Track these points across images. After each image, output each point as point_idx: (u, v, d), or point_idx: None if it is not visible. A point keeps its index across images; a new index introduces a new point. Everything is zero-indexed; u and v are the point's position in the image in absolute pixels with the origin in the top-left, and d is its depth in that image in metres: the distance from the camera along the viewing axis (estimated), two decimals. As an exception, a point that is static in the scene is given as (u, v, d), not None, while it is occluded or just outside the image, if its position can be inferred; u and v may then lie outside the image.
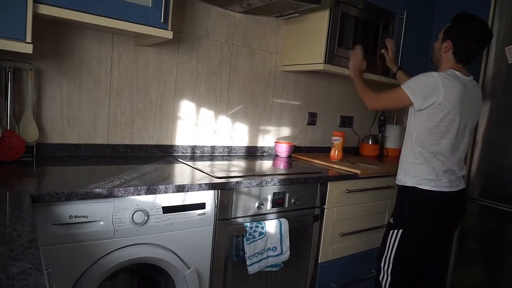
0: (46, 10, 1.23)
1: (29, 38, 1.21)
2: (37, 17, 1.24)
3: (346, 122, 2.71)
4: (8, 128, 1.46)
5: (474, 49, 1.63)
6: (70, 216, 1.13)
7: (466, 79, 1.63)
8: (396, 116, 2.82)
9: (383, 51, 2.19)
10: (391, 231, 1.70)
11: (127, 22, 1.39)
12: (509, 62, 1.89)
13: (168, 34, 1.50)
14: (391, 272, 1.70)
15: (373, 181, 2.01)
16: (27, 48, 1.21)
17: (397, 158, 1.89)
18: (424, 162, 1.64)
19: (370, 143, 2.68)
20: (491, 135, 1.97)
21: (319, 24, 2.02)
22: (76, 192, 1.12)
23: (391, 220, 1.74)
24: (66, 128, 1.65)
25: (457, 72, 1.62)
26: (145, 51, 1.80)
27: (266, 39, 2.22)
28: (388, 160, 2.53)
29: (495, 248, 1.95)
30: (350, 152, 2.64)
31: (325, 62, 2.00)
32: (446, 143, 1.62)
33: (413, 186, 1.66)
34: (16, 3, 1.17)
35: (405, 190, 1.71)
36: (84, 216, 1.15)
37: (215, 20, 2.00)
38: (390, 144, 2.79)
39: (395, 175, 1.85)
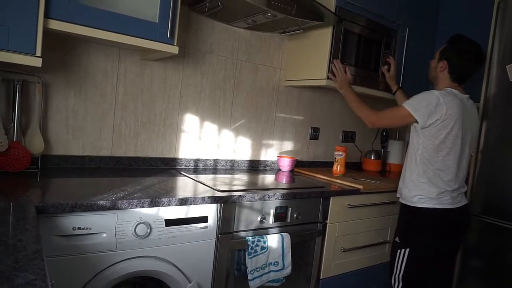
0: (56, 25, 1.26)
1: (39, 52, 1.23)
2: (47, 31, 1.27)
3: (348, 137, 2.72)
4: (15, 140, 1.48)
5: (468, 70, 1.70)
6: (74, 227, 1.13)
7: (464, 97, 1.68)
8: (399, 131, 2.83)
9: (386, 67, 2.22)
10: (399, 251, 1.71)
11: (134, 37, 1.43)
12: (510, 80, 1.91)
13: (174, 49, 1.52)
14: None
15: (375, 197, 2.01)
16: (37, 62, 1.24)
17: (399, 173, 1.90)
18: (428, 181, 1.65)
19: (372, 158, 2.68)
20: (492, 152, 1.97)
21: (322, 40, 2.05)
22: (80, 204, 1.13)
23: (397, 239, 1.74)
24: (71, 140, 1.67)
25: (454, 90, 1.67)
26: (151, 65, 1.83)
27: (270, 55, 2.25)
28: (390, 176, 2.53)
29: (497, 265, 1.93)
30: (353, 167, 2.64)
31: (328, 78, 2.02)
32: (451, 160, 1.63)
33: (416, 206, 1.67)
34: (28, 18, 1.20)
35: (408, 209, 1.71)
36: (87, 228, 1.16)
37: (219, 36, 2.04)
38: (392, 159, 2.79)
39: (397, 190, 1.85)
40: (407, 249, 1.68)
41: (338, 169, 2.20)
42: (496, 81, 1.97)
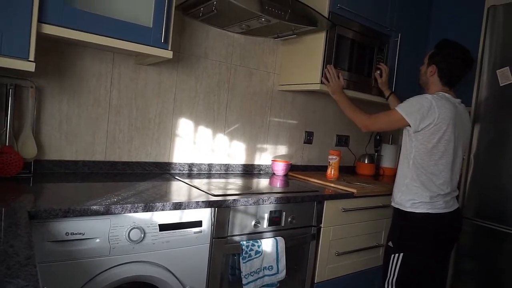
0: (50, 30, 1.26)
1: (32, 57, 1.23)
2: (40, 36, 1.27)
3: (342, 141, 2.73)
4: (7, 144, 1.47)
5: (457, 74, 1.72)
6: (67, 233, 1.12)
7: (456, 101, 1.70)
8: (392, 135, 2.85)
9: (378, 72, 2.24)
10: (392, 256, 1.71)
11: (128, 42, 1.43)
12: (501, 85, 1.94)
13: (168, 54, 1.53)
14: None
15: (369, 200, 2.02)
16: (30, 67, 1.23)
17: (393, 177, 1.91)
18: (421, 184, 1.66)
19: (366, 162, 2.70)
20: (484, 155, 2.00)
21: (315, 45, 2.07)
22: (73, 209, 1.13)
23: (390, 244, 1.75)
24: (64, 144, 1.66)
25: (447, 94, 1.68)
26: (145, 69, 1.83)
27: (264, 59, 2.26)
28: (384, 179, 2.55)
29: (490, 268, 1.95)
30: (347, 171, 2.66)
31: (321, 83, 2.04)
32: (443, 164, 1.64)
33: (410, 211, 1.68)
34: (21, 23, 1.20)
35: (402, 214, 1.72)
36: (80, 233, 1.15)
37: (214, 41, 2.04)
38: (386, 163, 2.81)
39: (391, 194, 1.86)
40: (401, 254, 1.68)
41: (332, 173, 2.21)
42: (487, 85, 2.00)
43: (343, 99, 1.97)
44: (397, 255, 1.70)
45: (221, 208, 1.47)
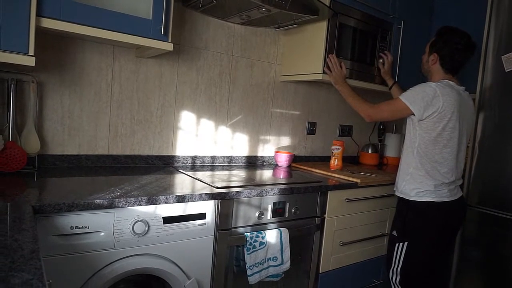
0: (48, 23, 1.25)
1: (31, 51, 1.23)
2: (39, 30, 1.27)
3: (345, 131, 2.72)
4: (10, 140, 1.47)
5: (459, 60, 1.69)
6: (71, 227, 1.13)
7: (460, 88, 1.68)
8: (395, 124, 2.83)
9: (381, 60, 2.22)
10: (397, 244, 1.72)
11: (128, 35, 1.42)
12: (506, 71, 1.91)
13: (168, 46, 1.52)
14: (399, 283, 1.72)
15: (372, 190, 2.02)
16: (30, 61, 1.23)
17: (396, 166, 1.90)
18: (425, 173, 1.65)
19: (369, 152, 2.68)
20: (488, 143, 1.98)
21: (317, 34, 2.04)
22: (77, 203, 1.13)
23: (395, 233, 1.75)
24: (67, 139, 1.66)
25: (450, 82, 1.67)
26: (146, 62, 1.82)
27: (265, 50, 2.24)
28: (387, 169, 2.54)
29: (494, 256, 1.95)
30: (350, 161, 2.65)
31: (324, 72, 2.02)
32: (448, 152, 1.63)
33: (414, 200, 1.67)
34: (19, 17, 1.19)
35: (406, 203, 1.72)
36: (85, 227, 1.15)
37: (214, 32, 2.03)
38: (389, 152, 2.80)
39: (394, 183, 1.85)
40: (405, 243, 1.69)
41: (336, 163, 2.20)
42: (492, 72, 1.97)
43: (346, 88, 1.95)
44: (401, 244, 1.70)
45: (225, 200, 1.47)
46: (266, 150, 2.33)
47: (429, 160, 1.64)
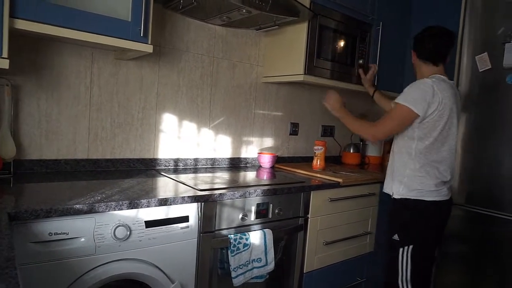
0: (23, 25, 1.22)
1: (5, 54, 1.19)
2: (14, 32, 1.23)
3: (327, 131, 2.75)
4: (-16, 145, 1.42)
5: (433, 47, 1.67)
6: (50, 233, 1.10)
7: (450, 82, 1.67)
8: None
9: (361, 69, 2.23)
10: (401, 250, 1.64)
11: (106, 37, 1.39)
12: (480, 71, 1.97)
13: (148, 48, 1.50)
14: None
15: (355, 189, 2.04)
16: (3, 64, 1.19)
17: (378, 165, 1.93)
18: (425, 174, 1.61)
19: (351, 151, 2.72)
20: (469, 142, 2.03)
21: (298, 36, 2.06)
22: (56, 209, 1.10)
23: (396, 237, 1.67)
24: (45, 143, 1.62)
25: (442, 76, 1.65)
26: (126, 64, 1.80)
27: (247, 52, 2.24)
28: (369, 168, 2.57)
29: (474, 250, 2.00)
30: (333, 161, 2.68)
31: (305, 73, 2.04)
32: (446, 150, 1.61)
33: (416, 199, 1.62)
34: (-8, 19, 1.15)
35: (404, 205, 1.66)
36: (64, 233, 1.13)
37: (195, 34, 2.02)
38: (371, 152, 2.84)
39: (376, 182, 1.87)
40: (410, 246, 1.61)
41: (318, 163, 2.22)
42: (467, 71, 2.03)
43: (345, 114, 1.86)
44: (406, 248, 1.63)
45: (208, 203, 1.46)
46: (249, 151, 2.33)
47: (429, 160, 1.60)
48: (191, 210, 1.42)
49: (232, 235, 1.52)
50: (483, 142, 1.97)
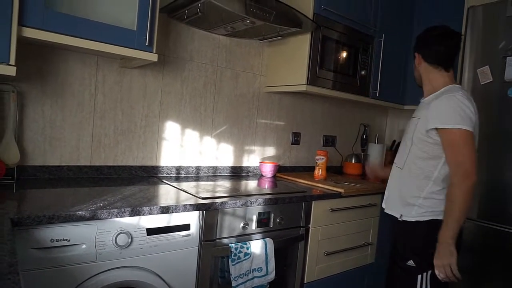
0: (31, 33, 1.24)
1: (12, 61, 1.21)
2: (21, 40, 1.25)
3: (329, 141, 2.75)
4: (-12, 151, 1.43)
5: (440, 48, 1.53)
6: (52, 239, 1.10)
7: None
8: (378, 134, 2.88)
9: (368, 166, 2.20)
10: (419, 277, 1.48)
11: (112, 45, 1.41)
12: (481, 83, 1.98)
13: (153, 57, 1.52)
14: None
15: (356, 200, 2.04)
16: (11, 71, 1.21)
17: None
18: (444, 197, 1.47)
19: (353, 161, 2.72)
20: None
21: (301, 46, 2.08)
22: (58, 215, 1.11)
23: (412, 263, 1.50)
24: (48, 149, 1.63)
25: (457, 86, 1.52)
26: (130, 73, 1.82)
27: (250, 61, 2.27)
28: (371, 179, 2.57)
29: (486, 265, 1.98)
30: (334, 171, 2.68)
31: (307, 84, 2.05)
32: None
33: (433, 220, 1.47)
34: (0, 26, 1.17)
35: (417, 226, 1.51)
36: (66, 240, 1.13)
37: (199, 43, 2.04)
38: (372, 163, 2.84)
39: (377, 193, 1.86)
40: (429, 272, 1.45)
41: (320, 173, 2.22)
42: (469, 84, 2.04)
43: (455, 230, 1.41)
44: (424, 274, 1.47)
45: (209, 211, 1.46)
46: (251, 160, 2.34)
47: (448, 182, 1.45)
48: (193, 218, 1.42)
49: (233, 244, 1.52)
50: (485, 156, 1.96)
